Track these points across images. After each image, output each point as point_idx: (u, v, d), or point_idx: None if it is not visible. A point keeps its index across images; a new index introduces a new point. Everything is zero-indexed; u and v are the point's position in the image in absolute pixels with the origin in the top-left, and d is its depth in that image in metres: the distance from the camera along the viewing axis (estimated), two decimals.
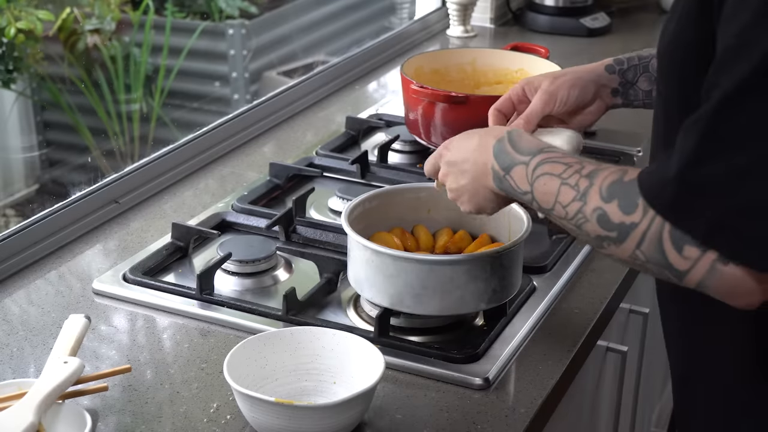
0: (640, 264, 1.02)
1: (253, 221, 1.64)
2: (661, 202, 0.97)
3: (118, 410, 1.23)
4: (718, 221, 0.94)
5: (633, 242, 1.00)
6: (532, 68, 1.89)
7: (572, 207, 1.06)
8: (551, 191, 1.08)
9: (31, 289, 1.49)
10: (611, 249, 1.03)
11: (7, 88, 3.56)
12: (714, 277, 0.96)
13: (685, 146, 0.96)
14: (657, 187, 0.98)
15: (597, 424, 1.75)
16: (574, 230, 1.08)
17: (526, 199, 1.13)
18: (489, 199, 1.22)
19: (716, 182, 0.93)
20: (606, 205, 1.02)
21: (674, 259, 0.98)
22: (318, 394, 1.24)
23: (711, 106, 0.94)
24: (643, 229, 0.99)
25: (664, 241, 0.98)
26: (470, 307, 1.35)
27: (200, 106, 4.03)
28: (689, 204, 0.95)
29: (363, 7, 4.66)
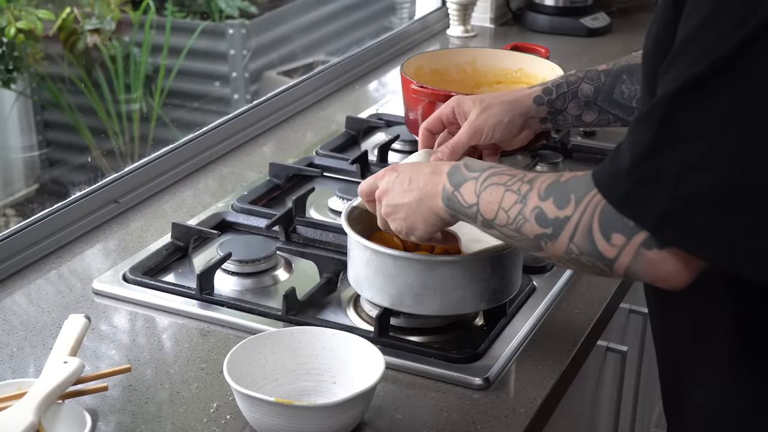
0: (574, 258, 1.05)
1: (253, 221, 1.64)
2: (614, 193, 1.00)
3: (118, 410, 1.23)
4: (665, 211, 0.96)
5: (566, 236, 1.04)
6: (532, 68, 1.89)
7: (513, 210, 1.10)
8: (495, 199, 1.12)
9: (31, 289, 1.49)
10: (548, 247, 1.07)
11: (7, 87, 3.56)
12: (639, 262, 1.00)
13: (638, 138, 0.98)
14: (611, 179, 1.00)
15: (597, 424, 1.75)
16: (515, 236, 1.10)
17: (471, 212, 1.15)
18: (426, 220, 1.22)
19: (666, 174, 0.95)
20: (543, 203, 1.06)
21: (603, 247, 1.01)
22: (318, 394, 1.24)
23: (665, 99, 0.96)
24: (575, 221, 1.03)
25: (593, 231, 1.02)
26: (470, 307, 1.35)
27: (200, 106, 4.03)
28: (640, 195, 0.98)
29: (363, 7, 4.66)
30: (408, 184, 1.23)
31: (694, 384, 1.17)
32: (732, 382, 1.12)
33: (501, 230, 1.12)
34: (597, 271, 1.05)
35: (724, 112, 0.93)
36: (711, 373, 1.14)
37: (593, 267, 1.04)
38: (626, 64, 1.42)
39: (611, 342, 1.65)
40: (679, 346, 1.19)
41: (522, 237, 1.09)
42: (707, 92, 0.94)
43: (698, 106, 0.94)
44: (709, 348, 1.13)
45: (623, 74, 1.42)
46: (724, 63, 0.92)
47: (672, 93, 0.96)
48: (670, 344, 1.21)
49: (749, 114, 0.93)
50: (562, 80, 1.43)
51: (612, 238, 1.00)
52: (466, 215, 1.17)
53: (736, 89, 0.93)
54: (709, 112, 0.94)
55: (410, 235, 1.25)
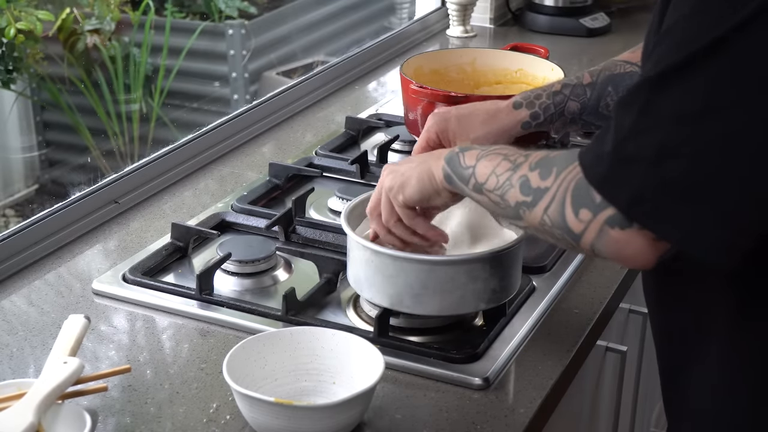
0: (547, 230, 1.08)
1: (253, 221, 1.64)
2: (595, 173, 1.02)
3: (117, 410, 1.23)
4: (638, 194, 0.98)
5: (542, 206, 1.07)
6: (531, 68, 1.89)
7: (504, 176, 1.13)
8: (492, 164, 1.15)
9: (31, 290, 1.49)
10: (526, 216, 1.10)
11: (7, 88, 3.56)
12: (602, 238, 1.02)
13: (620, 122, 1.00)
14: (594, 159, 1.02)
15: (597, 424, 1.75)
16: (499, 202, 1.14)
17: (467, 174, 1.18)
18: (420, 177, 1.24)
19: (643, 157, 0.97)
20: (530, 173, 1.10)
21: (571, 221, 1.04)
22: (317, 394, 1.24)
23: (648, 81, 0.98)
24: (552, 192, 1.06)
25: (565, 205, 1.04)
26: (470, 307, 1.35)
27: (200, 106, 4.03)
28: (616, 176, 0.99)
29: (363, 7, 4.66)
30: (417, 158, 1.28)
31: (696, 381, 1.17)
32: (734, 376, 1.12)
33: (488, 195, 1.15)
34: (566, 245, 1.08)
35: (703, 100, 0.94)
36: (713, 369, 1.14)
37: (563, 241, 1.07)
38: (610, 75, 1.43)
39: (611, 342, 1.65)
40: (681, 342, 1.19)
41: (504, 204, 1.12)
42: (687, 78, 0.95)
43: (678, 92, 0.96)
44: (711, 343, 1.13)
45: (608, 86, 1.42)
46: (705, 51, 0.94)
47: (654, 77, 0.97)
48: (671, 342, 1.21)
49: (726, 104, 0.94)
50: (549, 101, 1.43)
51: (580, 213, 1.03)
52: (460, 177, 1.19)
53: (716, 78, 0.94)
54: (688, 99, 0.95)
55: (399, 192, 1.25)
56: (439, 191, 1.23)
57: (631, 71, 1.43)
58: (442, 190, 1.23)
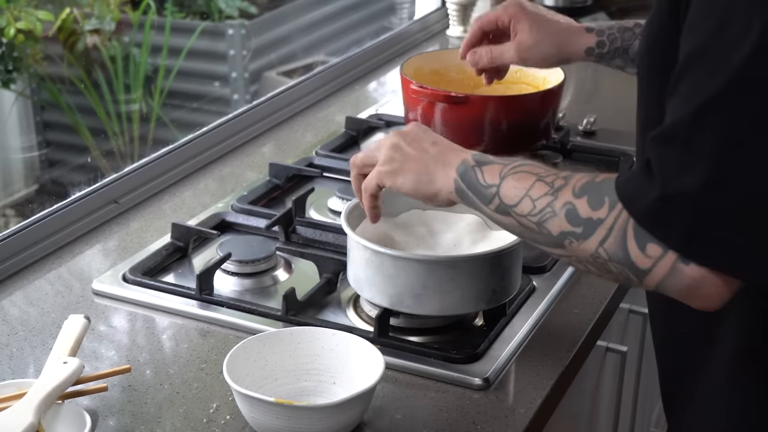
0: (601, 263, 1.02)
1: (253, 221, 1.64)
2: (639, 209, 0.98)
3: (117, 410, 1.23)
4: (691, 230, 0.95)
5: (598, 238, 1.01)
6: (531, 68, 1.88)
7: (542, 201, 1.06)
8: (523, 186, 1.08)
9: (31, 290, 1.49)
10: (573, 246, 1.03)
11: (7, 88, 3.56)
12: (675, 276, 0.98)
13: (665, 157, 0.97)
14: (635, 195, 0.99)
15: (597, 424, 1.75)
16: (532, 228, 1.07)
17: (488, 193, 1.11)
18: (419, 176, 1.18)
19: (692, 194, 0.94)
20: (576, 200, 1.03)
21: (636, 256, 0.99)
22: (318, 394, 1.24)
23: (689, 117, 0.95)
24: (608, 225, 1.00)
25: (628, 239, 0.99)
26: (470, 307, 1.35)
27: (200, 106, 4.03)
28: (666, 215, 0.96)
29: (363, 7, 4.65)
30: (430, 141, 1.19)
31: (698, 384, 1.17)
32: (737, 381, 1.12)
33: (519, 219, 1.08)
34: (623, 279, 1.03)
35: (745, 127, 0.93)
36: (716, 373, 1.14)
37: (621, 274, 1.02)
38: None
39: (611, 342, 1.65)
40: (685, 347, 1.19)
41: (542, 231, 1.06)
42: (726, 108, 0.93)
43: (718, 123, 0.93)
44: (717, 349, 1.13)
45: None
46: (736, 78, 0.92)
47: (694, 110, 0.95)
48: (675, 346, 1.21)
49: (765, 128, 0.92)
50: (618, 34, 1.41)
51: (647, 248, 0.98)
52: (479, 194, 1.12)
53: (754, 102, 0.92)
54: (728, 128, 0.93)
55: (389, 176, 1.20)
56: (436, 198, 1.19)
57: None
58: (441, 199, 1.18)
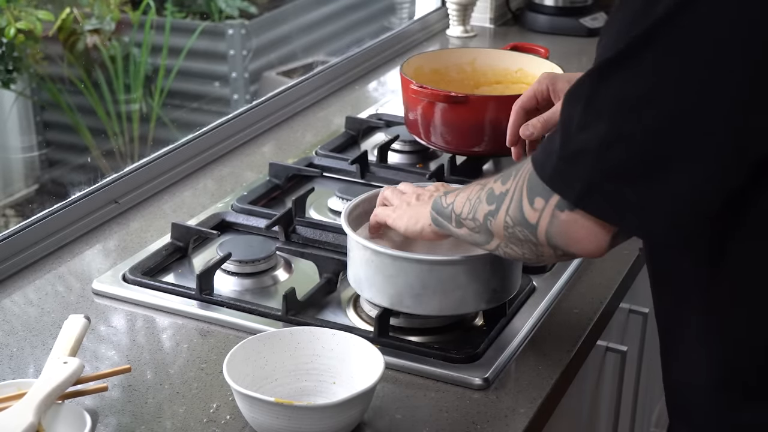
0: (510, 233, 1.11)
1: (253, 221, 1.64)
2: (545, 172, 1.05)
3: (118, 410, 1.23)
4: (589, 185, 1.01)
5: (504, 208, 1.11)
6: (531, 68, 1.89)
7: (474, 196, 1.17)
8: (467, 193, 1.19)
9: (31, 290, 1.49)
10: (493, 226, 1.13)
11: (7, 88, 3.56)
12: (553, 223, 1.06)
13: (567, 117, 1.03)
14: (544, 157, 1.06)
15: (597, 424, 1.75)
16: (473, 226, 1.17)
17: (448, 212, 1.22)
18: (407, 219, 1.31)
19: (589, 149, 1.00)
20: (494, 183, 1.14)
21: (528, 212, 1.08)
22: (318, 394, 1.24)
23: (589, 76, 1.02)
24: (511, 192, 1.10)
25: (523, 199, 1.08)
26: (470, 307, 1.35)
27: (200, 106, 4.03)
28: (565, 171, 1.03)
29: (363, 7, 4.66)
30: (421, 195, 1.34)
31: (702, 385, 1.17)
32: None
33: (465, 223, 1.18)
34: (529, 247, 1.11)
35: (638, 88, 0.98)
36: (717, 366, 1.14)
37: (526, 240, 1.10)
38: None
39: (611, 342, 1.65)
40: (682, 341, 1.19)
41: (476, 224, 1.16)
42: (623, 69, 0.99)
43: (616, 83, 0.99)
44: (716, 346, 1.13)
45: None
46: (638, 42, 0.97)
47: (594, 71, 1.01)
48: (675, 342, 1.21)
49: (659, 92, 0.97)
50: None
51: (535, 202, 1.07)
52: (445, 216, 1.23)
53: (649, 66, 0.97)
54: (626, 89, 0.99)
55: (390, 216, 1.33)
56: (422, 234, 1.29)
57: None
58: (426, 233, 1.29)
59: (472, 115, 1.73)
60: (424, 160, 1.91)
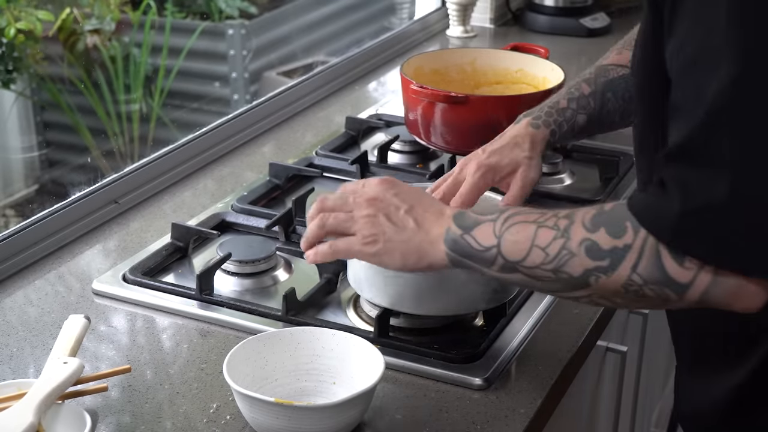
0: (634, 290, 1.00)
1: (253, 221, 1.64)
2: (665, 232, 0.97)
3: (117, 410, 1.23)
4: (723, 240, 0.94)
5: (628, 265, 0.99)
6: (531, 68, 1.89)
7: (553, 246, 1.03)
8: (526, 237, 1.05)
9: (31, 290, 1.49)
10: (600, 283, 1.01)
11: (7, 88, 3.56)
12: (718, 284, 0.97)
13: (680, 175, 0.96)
14: (658, 218, 0.98)
15: (597, 424, 1.75)
16: (549, 276, 1.04)
17: (488, 255, 1.08)
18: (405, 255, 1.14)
19: (716, 206, 0.94)
20: (593, 235, 1.01)
21: (675, 272, 0.97)
22: (318, 394, 1.24)
23: (697, 132, 0.95)
24: (638, 248, 0.98)
25: (663, 257, 0.98)
26: (470, 307, 1.35)
27: (200, 107, 4.03)
28: (693, 230, 0.95)
29: (363, 7, 4.66)
30: (405, 210, 1.15)
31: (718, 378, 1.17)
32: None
33: (530, 272, 1.06)
34: (659, 302, 1.01)
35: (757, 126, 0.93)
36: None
37: (658, 297, 1.00)
38: (606, 81, 1.43)
39: (611, 342, 1.65)
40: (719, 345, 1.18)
41: (559, 276, 1.03)
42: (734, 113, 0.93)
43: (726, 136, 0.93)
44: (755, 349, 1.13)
45: (607, 93, 1.42)
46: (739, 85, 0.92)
47: (701, 123, 0.94)
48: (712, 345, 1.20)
49: None
50: (561, 118, 1.40)
51: (686, 260, 0.97)
52: (478, 259, 1.09)
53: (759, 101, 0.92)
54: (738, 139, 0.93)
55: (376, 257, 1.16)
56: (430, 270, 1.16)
57: (623, 74, 1.43)
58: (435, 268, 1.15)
59: (472, 115, 1.73)
60: (424, 160, 1.91)
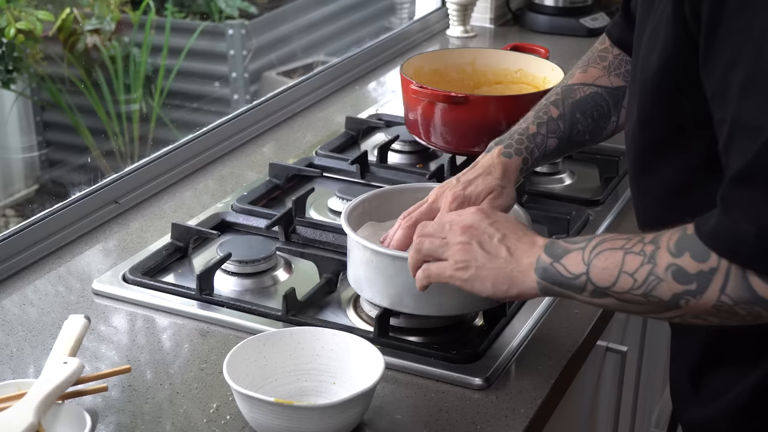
0: (725, 310, 1.02)
1: (253, 221, 1.64)
2: (744, 257, 0.98)
3: (117, 410, 1.23)
4: None
5: (716, 288, 1.01)
6: (531, 68, 1.89)
7: (641, 272, 1.05)
8: (614, 264, 1.07)
9: (31, 290, 1.49)
10: (690, 305, 1.03)
11: (7, 88, 3.56)
12: None
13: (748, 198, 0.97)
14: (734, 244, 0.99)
15: (597, 424, 1.75)
16: (641, 300, 1.06)
17: (579, 282, 1.10)
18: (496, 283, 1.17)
19: None
20: (678, 260, 1.03)
21: (763, 291, 0.99)
22: (318, 394, 1.24)
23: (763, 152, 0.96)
24: (724, 271, 1.00)
25: (750, 278, 0.99)
26: (470, 307, 1.35)
27: (200, 107, 4.03)
28: None
29: (363, 7, 4.66)
30: (498, 239, 1.18)
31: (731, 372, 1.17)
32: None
33: (620, 296, 1.08)
34: (753, 318, 1.02)
35: None
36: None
37: (750, 314, 1.01)
38: (574, 102, 1.43)
39: (611, 342, 1.65)
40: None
41: (650, 300, 1.05)
42: None
43: None
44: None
45: (576, 113, 1.42)
46: None
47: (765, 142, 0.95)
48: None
49: None
50: (532, 144, 1.40)
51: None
52: (568, 286, 1.12)
53: None
54: None
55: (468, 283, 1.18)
56: (519, 297, 1.17)
57: (590, 93, 1.43)
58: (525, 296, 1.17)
59: (472, 115, 1.73)
60: (424, 160, 1.91)
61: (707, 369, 1.22)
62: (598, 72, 1.43)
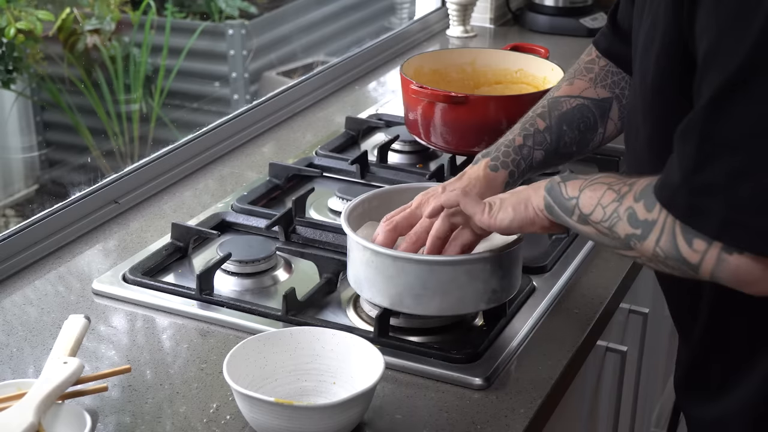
0: (661, 261, 1.07)
1: (253, 221, 1.64)
2: (674, 206, 1.03)
3: (117, 410, 1.23)
4: (725, 219, 0.99)
5: (653, 238, 1.06)
6: (531, 68, 1.89)
7: (610, 207, 1.12)
8: (597, 195, 1.14)
9: (31, 290, 1.49)
10: (637, 247, 1.09)
11: (7, 88, 3.56)
12: (722, 267, 1.01)
13: (684, 152, 1.02)
14: (668, 193, 1.04)
15: (597, 424, 1.75)
16: (607, 233, 1.13)
17: (570, 204, 1.18)
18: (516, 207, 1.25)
19: (718, 183, 0.99)
20: (635, 204, 1.09)
21: (686, 252, 1.04)
22: (318, 394, 1.24)
23: (702, 110, 1.00)
24: (660, 225, 1.06)
25: (677, 236, 1.04)
26: (470, 307, 1.35)
27: (200, 107, 4.03)
28: (698, 206, 1.01)
29: (363, 7, 4.66)
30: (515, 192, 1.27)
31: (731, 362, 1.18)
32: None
33: (595, 226, 1.15)
34: (686, 275, 1.06)
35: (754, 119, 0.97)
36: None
37: (680, 270, 1.06)
38: (560, 114, 1.43)
39: (611, 342, 1.65)
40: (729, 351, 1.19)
41: (613, 235, 1.12)
42: (736, 99, 0.97)
43: (734, 113, 0.98)
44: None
45: (563, 125, 1.43)
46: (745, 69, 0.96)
47: (706, 104, 0.99)
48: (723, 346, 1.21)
49: None
50: (518, 156, 1.41)
51: (693, 243, 1.03)
52: (563, 207, 1.19)
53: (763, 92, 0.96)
54: (743, 118, 0.97)
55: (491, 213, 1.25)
56: (535, 220, 1.24)
57: (576, 105, 1.43)
58: (540, 219, 1.23)
59: (472, 115, 1.73)
60: (424, 160, 1.91)
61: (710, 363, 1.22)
62: (584, 84, 1.44)
